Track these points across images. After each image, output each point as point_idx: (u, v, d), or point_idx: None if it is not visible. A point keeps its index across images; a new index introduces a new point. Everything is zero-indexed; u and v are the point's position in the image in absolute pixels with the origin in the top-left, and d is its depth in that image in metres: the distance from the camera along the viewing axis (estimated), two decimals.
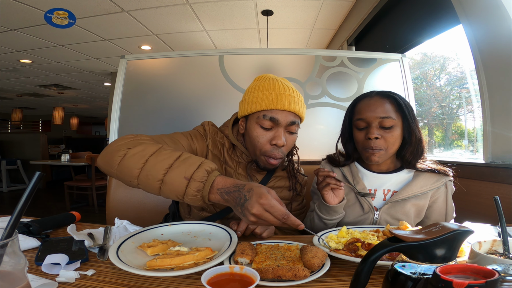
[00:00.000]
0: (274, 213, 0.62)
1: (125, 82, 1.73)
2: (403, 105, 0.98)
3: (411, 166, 1.01)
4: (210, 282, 0.48)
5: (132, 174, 0.73)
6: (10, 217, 0.37)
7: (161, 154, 0.74)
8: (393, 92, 1.01)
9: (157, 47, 4.24)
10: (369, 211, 1.01)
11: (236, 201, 0.67)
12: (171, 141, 0.94)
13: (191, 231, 0.82)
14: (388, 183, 1.03)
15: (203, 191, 0.69)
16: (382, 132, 0.96)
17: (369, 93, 1.04)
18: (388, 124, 0.95)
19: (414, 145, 0.99)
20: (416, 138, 0.98)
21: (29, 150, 6.61)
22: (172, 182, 0.69)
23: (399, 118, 0.97)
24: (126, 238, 0.72)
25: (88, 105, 9.39)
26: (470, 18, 1.36)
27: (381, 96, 1.00)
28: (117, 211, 1.40)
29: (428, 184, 0.99)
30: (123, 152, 0.75)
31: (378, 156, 0.97)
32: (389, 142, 0.96)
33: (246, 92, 1.01)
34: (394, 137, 0.97)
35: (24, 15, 3.15)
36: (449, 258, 0.38)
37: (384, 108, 0.97)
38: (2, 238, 0.36)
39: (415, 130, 0.98)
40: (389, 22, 2.56)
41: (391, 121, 0.95)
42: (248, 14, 3.24)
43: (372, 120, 0.96)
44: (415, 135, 0.98)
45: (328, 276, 0.61)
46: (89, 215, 4.31)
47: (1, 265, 0.34)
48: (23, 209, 0.39)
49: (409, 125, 0.98)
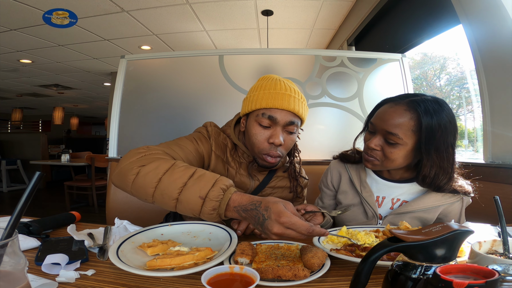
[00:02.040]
0: (297, 230, 0.62)
1: (125, 82, 1.73)
2: (425, 128, 0.82)
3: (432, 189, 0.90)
4: (210, 282, 0.48)
5: (147, 193, 0.73)
6: (10, 217, 0.37)
7: (175, 172, 0.73)
8: (427, 108, 0.83)
9: (157, 47, 4.24)
10: (373, 218, 0.97)
11: (255, 219, 0.66)
12: (179, 149, 0.93)
13: (191, 231, 0.82)
14: (398, 192, 0.96)
15: (219, 209, 0.69)
16: (384, 145, 0.88)
17: (398, 98, 0.91)
18: (392, 141, 0.86)
19: (433, 170, 0.86)
20: (431, 168, 0.85)
21: (29, 150, 6.60)
22: (188, 201, 0.69)
23: (411, 139, 0.84)
24: (126, 238, 0.72)
25: (88, 105, 9.39)
26: (470, 18, 1.36)
27: (407, 107, 0.85)
28: (117, 211, 1.40)
29: (443, 198, 0.91)
30: (136, 170, 0.76)
31: (371, 165, 0.93)
32: (389, 159, 0.88)
33: (249, 91, 1.02)
34: (396, 155, 0.87)
35: (24, 15, 3.15)
36: (449, 258, 0.38)
37: (397, 122, 0.84)
38: (2, 238, 0.36)
39: (432, 157, 0.84)
40: (389, 22, 2.56)
41: (396, 139, 0.85)
42: (248, 14, 3.25)
43: (379, 130, 0.89)
44: (435, 163, 0.85)
45: (328, 276, 0.61)
46: (89, 215, 4.31)
47: (1, 265, 0.34)
48: (23, 209, 0.39)
49: (426, 143, 0.83)
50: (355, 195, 1.02)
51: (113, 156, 1.68)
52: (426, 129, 0.82)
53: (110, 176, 0.82)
